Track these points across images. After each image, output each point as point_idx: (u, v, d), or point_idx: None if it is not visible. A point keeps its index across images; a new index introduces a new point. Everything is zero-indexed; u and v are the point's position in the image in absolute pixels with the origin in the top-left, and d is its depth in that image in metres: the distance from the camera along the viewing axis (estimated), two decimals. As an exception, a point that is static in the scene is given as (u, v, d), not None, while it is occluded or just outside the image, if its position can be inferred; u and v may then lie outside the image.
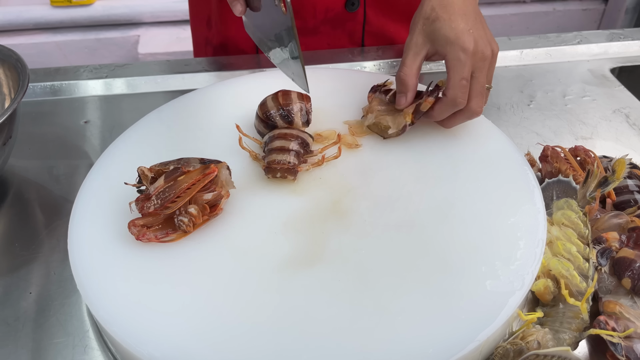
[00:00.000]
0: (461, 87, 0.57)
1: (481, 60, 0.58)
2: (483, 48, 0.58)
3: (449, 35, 0.57)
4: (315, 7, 0.84)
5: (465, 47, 0.57)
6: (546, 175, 0.64)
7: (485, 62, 0.58)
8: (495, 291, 0.48)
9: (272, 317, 0.47)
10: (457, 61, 0.57)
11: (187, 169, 0.53)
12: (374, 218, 0.55)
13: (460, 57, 0.57)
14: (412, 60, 0.60)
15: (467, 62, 0.57)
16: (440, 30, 0.58)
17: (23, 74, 0.65)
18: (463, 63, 0.57)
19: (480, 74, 0.58)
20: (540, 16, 2.00)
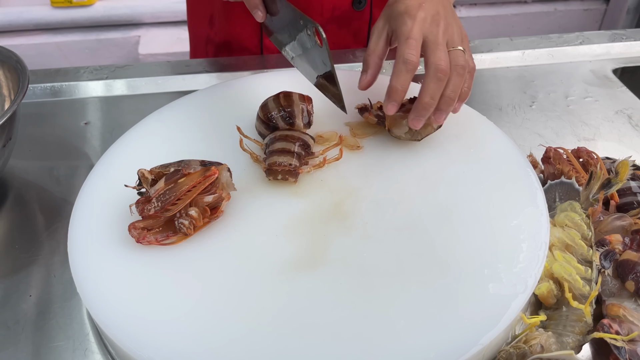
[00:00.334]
0: (408, 45, 0.56)
1: (433, 23, 0.57)
2: (433, 14, 0.58)
3: (399, 9, 0.58)
4: (323, 5, 0.84)
5: (411, 13, 0.57)
6: (549, 177, 0.64)
7: (436, 26, 0.57)
8: (498, 294, 0.48)
9: (273, 320, 0.47)
10: (402, 25, 0.57)
11: (187, 171, 0.53)
12: (376, 220, 0.54)
13: (406, 21, 0.57)
14: (374, 42, 0.61)
15: (413, 25, 0.57)
16: (395, 9, 0.59)
17: (23, 76, 0.65)
18: (408, 26, 0.57)
19: (432, 34, 0.57)
20: (541, 16, 1.99)
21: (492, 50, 0.90)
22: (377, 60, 0.61)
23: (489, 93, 0.83)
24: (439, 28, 0.57)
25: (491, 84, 0.85)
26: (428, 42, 0.57)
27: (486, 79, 0.87)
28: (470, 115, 0.67)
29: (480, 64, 0.89)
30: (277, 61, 0.88)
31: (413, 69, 0.57)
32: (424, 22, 0.57)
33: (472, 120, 0.66)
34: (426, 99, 0.57)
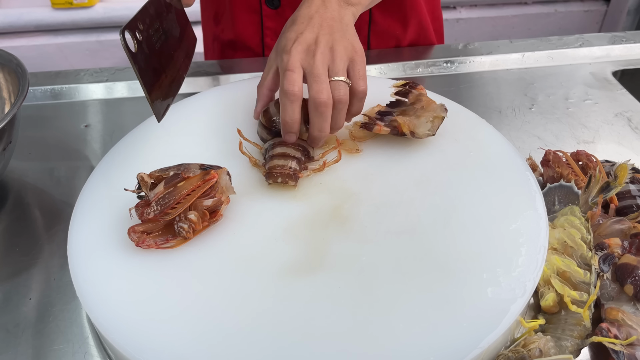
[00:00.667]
0: (286, 77, 0.57)
1: (309, 54, 0.57)
2: (309, 43, 0.58)
3: (280, 45, 0.59)
4: None
5: (287, 49, 0.58)
6: (548, 180, 0.64)
7: (312, 57, 0.57)
8: (496, 298, 0.48)
9: (273, 324, 0.47)
10: (281, 62, 0.58)
11: (187, 175, 0.53)
12: (375, 224, 0.54)
13: (283, 58, 0.58)
14: (264, 75, 0.63)
15: (289, 59, 0.57)
16: (278, 44, 0.60)
17: (23, 79, 0.65)
18: (285, 61, 0.57)
19: (309, 65, 0.57)
20: (541, 17, 1.99)
21: (491, 53, 0.90)
22: (266, 92, 0.63)
23: (488, 95, 0.83)
24: (315, 59, 0.57)
25: (491, 87, 0.85)
26: (307, 74, 0.57)
27: (486, 81, 0.87)
28: (469, 118, 0.67)
29: (480, 66, 0.89)
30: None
31: (297, 99, 0.57)
32: (299, 55, 0.57)
33: (471, 123, 0.66)
34: (315, 132, 0.59)
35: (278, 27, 0.87)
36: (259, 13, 0.86)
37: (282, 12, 0.85)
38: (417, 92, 0.65)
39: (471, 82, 0.87)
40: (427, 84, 0.86)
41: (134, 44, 0.56)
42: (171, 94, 0.62)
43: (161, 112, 0.59)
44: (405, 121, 0.61)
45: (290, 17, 0.61)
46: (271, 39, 0.89)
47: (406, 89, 0.65)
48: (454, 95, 0.77)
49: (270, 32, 0.88)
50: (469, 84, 0.86)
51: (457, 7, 1.97)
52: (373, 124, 0.62)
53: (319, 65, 0.57)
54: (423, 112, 0.62)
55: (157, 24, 0.61)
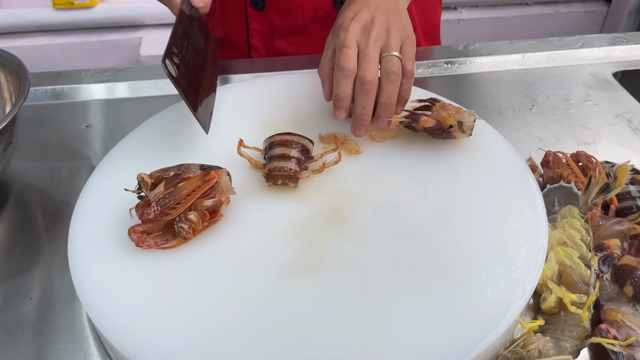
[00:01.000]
0: (342, 54, 0.59)
1: (364, 33, 0.59)
2: (366, 22, 0.60)
3: (338, 23, 0.61)
4: (303, 5, 0.84)
5: (344, 26, 0.60)
6: (548, 181, 0.64)
7: (367, 35, 0.59)
8: (496, 299, 0.48)
9: (272, 325, 0.47)
10: (337, 38, 0.60)
11: (187, 176, 0.53)
12: (375, 224, 0.55)
13: (339, 34, 0.59)
14: (323, 56, 0.64)
15: (346, 36, 0.59)
16: (336, 23, 0.62)
17: (24, 79, 0.65)
18: (341, 38, 0.59)
19: (362, 43, 0.59)
20: (542, 18, 1.99)
21: (492, 54, 0.90)
22: (327, 71, 0.63)
23: (488, 96, 0.83)
24: (370, 37, 0.59)
25: (491, 87, 0.85)
26: (359, 52, 0.59)
27: (486, 82, 0.87)
28: (469, 119, 0.67)
29: (481, 67, 0.89)
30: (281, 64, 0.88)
31: (351, 75, 0.59)
32: (356, 32, 0.59)
33: (471, 124, 0.66)
34: (358, 110, 0.60)
35: (263, 29, 0.88)
36: (244, 14, 0.87)
37: (266, 13, 0.85)
38: (439, 104, 0.64)
39: (471, 83, 0.87)
40: (428, 84, 0.86)
41: (174, 69, 0.59)
42: (211, 103, 0.66)
43: (207, 124, 0.63)
44: (450, 114, 0.61)
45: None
46: (257, 40, 0.89)
47: (425, 106, 0.65)
48: (454, 96, 0.78)
49: (256, 33, 0.88)
50: (469, 84, 0.86)
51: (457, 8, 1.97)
52: (419, 115, 0.62)
53: (371, 44, 0.59)
54: (459, 116, 0.62)
55: (186, 42, 0.64)
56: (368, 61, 0.58)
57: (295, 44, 0.89)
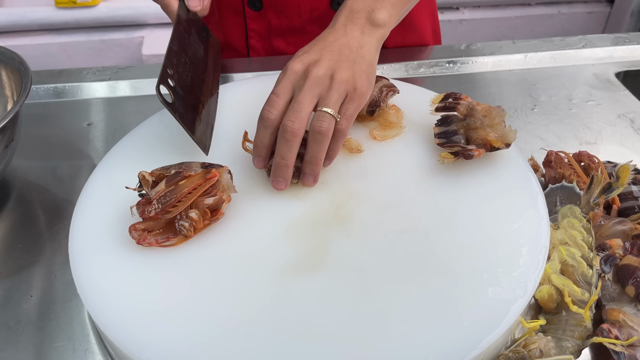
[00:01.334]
0: (269, 102, 0.55)
1: (302, 77, 0.55)
2: (309, 63, 0.55)
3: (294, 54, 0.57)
4: (300, 6, 0.84)
5: (288, 65, 0.55)
6: (550, 180, 0.64)
7: (304, 80, 0.54)
8: (497, 298, 0.48)
9: (273, 323, 0.47)
10: (280, 74, 0.56)
11: (188, 174, 0.53)
12: (376, 223, 0.54)
13: (278, 79, 0.56)
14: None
15: (282, 78, 0.55)
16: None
17: (26, 77, 0.65)
18: (279, 78, 0.56)
19: (298, 87, 0.55)
20: (545, 19, 1.99)
21: (494, 53, 0.90)
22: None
23: (490, 96, 0.83)
24: (307, 82, 0.54)
25: (493, 87, 0.85)
26: (293, 97, 0.55)
27: (488, 81, 0.87)
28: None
29: (483, 67, 0.89)
30: (280, 63, 0.88)
31: (270, 126, 0.55)
32: (294, 75, 0.55)
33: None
34: (277, 159, 0.55)
35: (261, 29, 0.87)
36: (242, 15, 0.87)
37: (264, 13, 0.85)
38: (466, 102, 0.61)
39: (473, 82, 0.87)
40: (429, 84, 0.86)
41: (170, 94, 0.57)
42: (211, 119, 0.64)
43: (207, 144, 0.62)
44: (493, 137, 0.58)
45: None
46: (255, 41, 0.89)
47: (449, 102, 0.62)
48: (456, 95, 0.77)
49: (254, 34, 0.88)
50: (471, 84, 0.86)
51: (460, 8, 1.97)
52: (470, 152, 0.57)
53: (305, 91, 0.54)
54: (492, 122, 0.59)
55: (183, 58, 0.62)
56: (295, 110, 0.54)
57: (293, 44, 0.88)
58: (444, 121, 0.62)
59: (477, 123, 0.60)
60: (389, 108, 0.65)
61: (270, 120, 0.55)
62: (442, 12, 1.94)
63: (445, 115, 0.62)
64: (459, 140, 0.60)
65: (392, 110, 0.65)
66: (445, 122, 0.62)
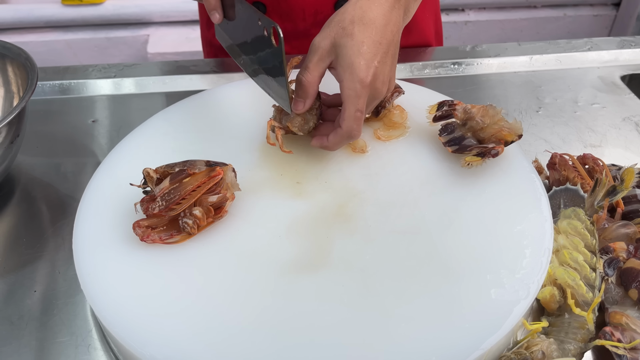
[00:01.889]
0: (356, 119, 0.55)
1: (373, 97, 0.56)
2: (380, 86, 0.56)
3: (353, 61, 0.54)
4: (304, 9, 0.84)
5: (362, 79, 0.54)
6: (554, 183, 0.64)
7: (376, 100, 0.57)
8: (500, 300, 0.48)
9: (275, 322, 0.47)
10: (353, 92, 0.54)
11: (192, 171, 0.53)
12: (379, 223, 0.54)
13: (357, 88, 0.54)
14: (315, 65, 0.56)
15: (363, 94, 0.55)
16: (347, 49, 0.54)
17: (32, 73, 0.65)
18: (359, 95, 0.54)
19: (369, 105, 0.57)
20: (550, 21, 1.99)
21: (499, 55, 0.90)
22: (315, 88, 0.57)
23: (495, 98, 0.83)
24: (375, 100, 0.57)
25: (498, 89, 0.85)
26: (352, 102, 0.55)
27: (493, 83, 0.86)
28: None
29: (488, 68, 0.89)
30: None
31: (352, 139, 0.57)
32: (369, 91, 0.55)
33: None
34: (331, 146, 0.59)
35: None
36: None
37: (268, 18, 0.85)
38: (460, 107, 0.61)
39: (478, 84, 0.86)
40: (434, 85, 0.86)
41: None
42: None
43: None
44: (506, 132, 0.59)
45: (359, 10, 0.55)
46: None
47: (445, 110, 0.62)
48: (461, 97, 0.77)
49: None
50: (476, 86, 0.86)
51: (465, 10, 1.97)
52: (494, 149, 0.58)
53: (369, 108, 0.57)
54: (493, 120, 0.60)
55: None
56: (360, 123, 0.56)
57: (297, 48, 0.88)
58: (446, 129, 0.62)
59: (480, 124, 0.60)
60: (394, 108, 0.65)
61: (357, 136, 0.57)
62: (447, 14, 1.94)
63: (445, 124, 0.62)
64: (470, 143, 0.60)
65: (396, 111, 0.65)
66: (448, 130, 0.62)
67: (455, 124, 0.62)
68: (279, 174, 0.60)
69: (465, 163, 0.58)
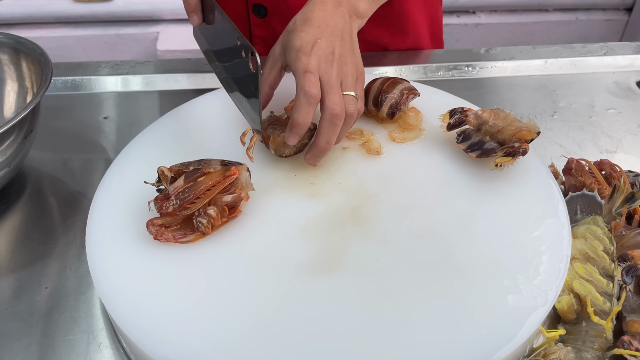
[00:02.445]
0: (307, 78, 0.54)
1: (327, 63, 0.56)
2: (327, 53, 0.56)
3: (295, 44, 0.56)
4: None
5: (305, 51, 0.55)
6: (569, 188, 0.63)
7: (330, 66, 0.56)
8: (517, 306, 0.47)
9: (289, 324, 0.46)
10: (297, 61, 0.55)
11: (207, 170, 0.52)
12: (394, 226, 0.54)
13: (300, 57, 0.55)
14: (268, 70, 0.60)
15: (308, 60, 0.55)
16: (291, 41, 0.57)
17: (46, 69, 0.65)
18: (304, 62, 0.55)
19: (326, 74, 0.55)
20: (562, 25, 1.97)
21: (513, 58, 0.89)
22: (267, 90, 0.60)
23: (509, 101, 0.82)
24: (333, 69, 0.56)
25: (512, 92, 0.84)
26: (323, 83, 0.55)
27: (507, 87, 0.86)
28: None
29: (502, 71, 0.88)
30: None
31: (315, 102, 0.55)
32: (318, 60, 0.55)
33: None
34: (322, 143, 0.56)
35: (266, 35, 0.87)
36: (247, 21, 0.86)
37: (269, 20, 0.85)
38: (472, 113, 0.61)
39: (492, 87, 0.86)
40: (448, 87, 0.85)
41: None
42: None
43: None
44: (525, 132, 0.59)
45: (301, 14, 0.59)
46: (260, 47, 0.88)
47: (458, 117, 0.62)
48: (475, 99, 0.76)
49: (259, 40, 0.88)
50: (490, 89, 0.85)
51: (476, 12, 1.96)
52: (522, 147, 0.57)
53: (334, 77, 0.56)
54: (506, 122, 0.60)
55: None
56: (335, 93, 0.55)
57: None
58: (463, 136, 0.61)
59: (495, 127, 0.60)
60: (409, 110, 0.64)
61: (316, 95, 0.55)
62: (458, 16, 1.93)
63: (460, 131, 0.61)
64: (491, 146, 0.59)
65: (411, 113, 0.64)
66: (465, 137, 0.61)
67: (470, 130, 0.61)
68: (292, 175, 0.60)
69: (495, 165, 0.57)
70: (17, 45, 0.70)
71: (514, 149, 0.57)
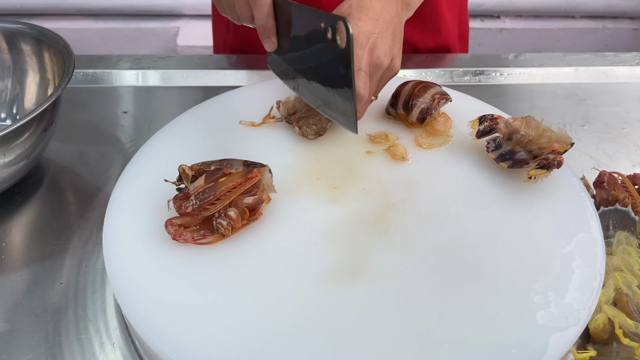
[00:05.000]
0: (359, 78, 0.55)
1: (376, 65, 0.56)
2: (382, 55, 0.56)
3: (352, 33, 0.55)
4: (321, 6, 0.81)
5: (362, 45, 0.55)
6: (601, 202, 0.60)
7: (378, 69, 0.57)
8: (547, 325, 0.45)
9: (309, 332, 0.45)
10: (354, 56, 0.54)
11: (229, 171, 0.51)
12: (420, 236, 0.52)
13: (357, 52, 0.55)
14: None
15: (362, 55, 0.55)
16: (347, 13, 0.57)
17: (69, 61, 0.64)
18: (359, 55, 0.55)
19: (375, 72, 0.57)
20: (588, 33, 1.93)
21: (543, 65, 0.87)
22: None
23: (538, 109, 0.80)
24: (377, 70, 0.57)
25: (541, 100, 0.82)
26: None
27: (536, 94, 0.83)
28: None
29: (531, 78, 0.86)
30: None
31: (364, 102, 0.56)
32: (370, 59, 0.56)
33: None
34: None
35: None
36: None
37: None
38: (502, 120, 0.59)
39: (521, 94, 0.83)
40: (475, 92, 0.83)
41: None
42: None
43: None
44: (558, 144, 0.57)
45: (357, 1, 0.57)
46: None
47: (488, 125, 0.60)
48: (502, 106, 0.74)
49: None
50: (518, 96, 0.83)
51: (501, 17, 1.93)
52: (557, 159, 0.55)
53: (376, 77, 0.58)
54: (538, 131, 0.58)
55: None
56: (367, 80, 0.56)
57: None
58: (493, 145, 0.59)
59: (526, 137, 0.58)
60: (439, 116, 0.63)
61: (365, 96, 0.55)
62: (483, 20, 1.90)
63: (490, 139, 0.59)
64: (523, 157, 0.57)
65: (441, 118, 0.62)
66: (495, 146, 0.59)
67: (500, 138, 0.59)
68: (314, 178, 0.58)
69: (529, 177, 0.55)
70: (39, 37, 0.69)
71: (548, 161, 0.54)
